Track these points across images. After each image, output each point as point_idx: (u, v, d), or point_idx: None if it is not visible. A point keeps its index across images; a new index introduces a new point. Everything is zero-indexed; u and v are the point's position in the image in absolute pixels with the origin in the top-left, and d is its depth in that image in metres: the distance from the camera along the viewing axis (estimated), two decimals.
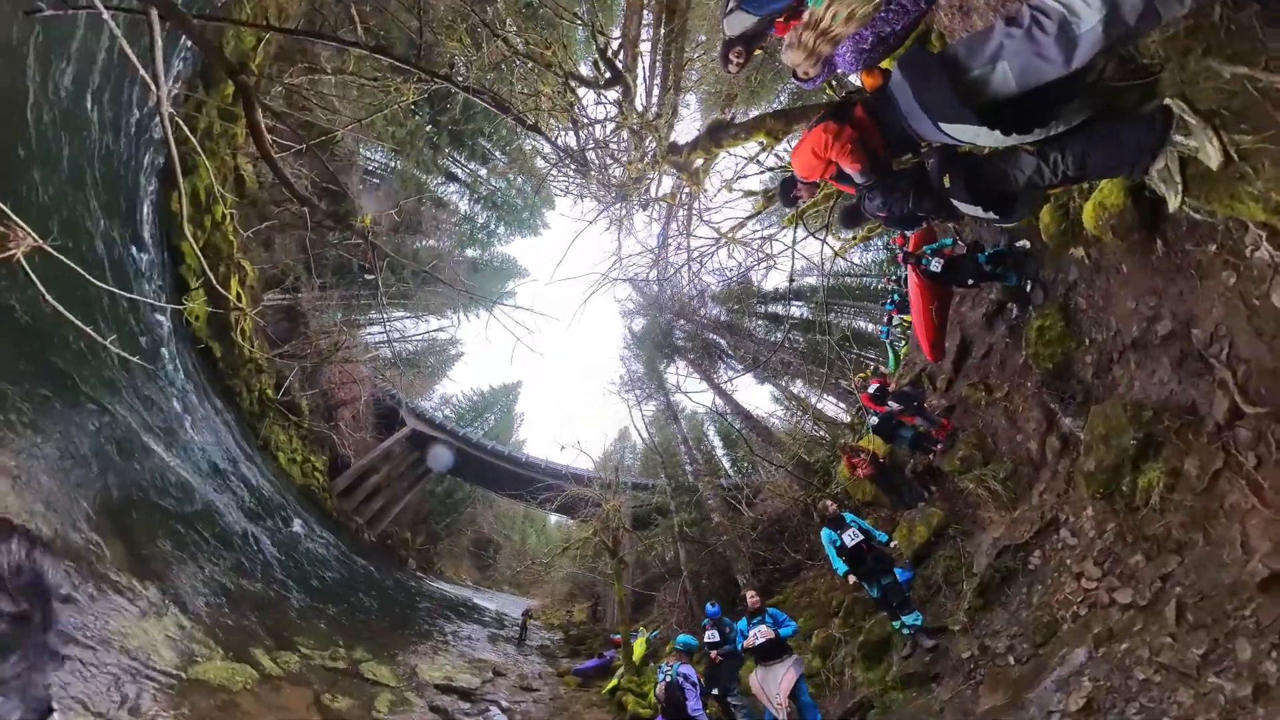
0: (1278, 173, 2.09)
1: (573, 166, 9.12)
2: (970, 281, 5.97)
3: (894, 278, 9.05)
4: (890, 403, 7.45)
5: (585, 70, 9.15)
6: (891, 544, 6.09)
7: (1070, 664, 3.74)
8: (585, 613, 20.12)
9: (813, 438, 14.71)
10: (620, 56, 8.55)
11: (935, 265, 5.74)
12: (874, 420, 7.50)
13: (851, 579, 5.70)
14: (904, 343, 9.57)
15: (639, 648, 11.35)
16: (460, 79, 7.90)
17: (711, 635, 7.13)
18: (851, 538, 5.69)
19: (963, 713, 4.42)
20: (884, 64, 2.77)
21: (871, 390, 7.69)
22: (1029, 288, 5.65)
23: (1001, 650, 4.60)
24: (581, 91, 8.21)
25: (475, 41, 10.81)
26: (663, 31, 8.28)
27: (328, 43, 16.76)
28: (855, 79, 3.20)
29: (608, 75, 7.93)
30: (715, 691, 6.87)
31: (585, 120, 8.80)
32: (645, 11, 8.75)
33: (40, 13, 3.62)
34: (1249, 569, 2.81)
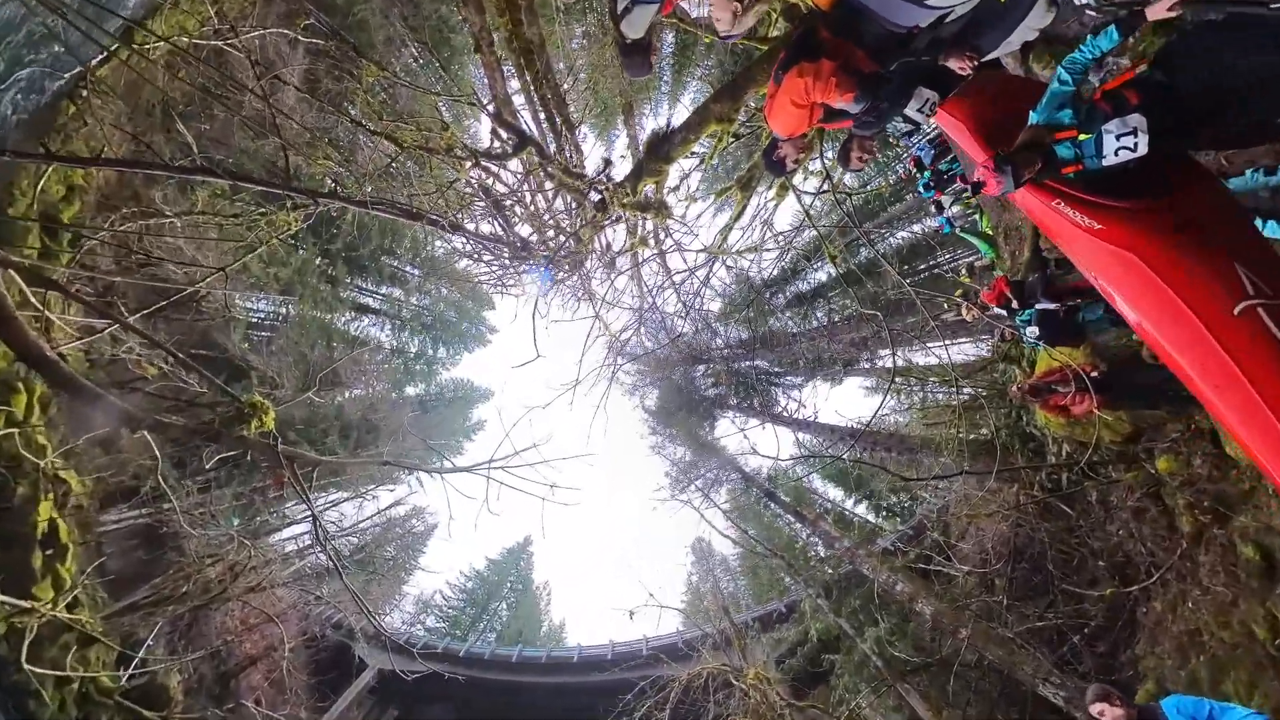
0: None
1: (509, 255, 7.90)
2: None
3: (912, 148, 6.23)
4: (1037, 304, 5.39)
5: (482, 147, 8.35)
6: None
7: None
8: None
9: (965, 404, 9.91)
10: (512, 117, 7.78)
11: (1120, 141, 2.05)
12: (1033, 332, 5.36)
13: None
14: (978, 215, 7.09)
15: None
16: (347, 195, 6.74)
17: None
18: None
19: None
20: None
21: (997, 306, 5.50)
22: None
23: None
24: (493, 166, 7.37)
25: (345, 155, 9.40)
26: (529, 78, 7.57)
27: (167, 181, 13.42)
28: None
29: (514, 141, 7.05)
30: None
31: (514, 195, 7.82)
32: (503, 65, 8.00)
33: None
34: None
